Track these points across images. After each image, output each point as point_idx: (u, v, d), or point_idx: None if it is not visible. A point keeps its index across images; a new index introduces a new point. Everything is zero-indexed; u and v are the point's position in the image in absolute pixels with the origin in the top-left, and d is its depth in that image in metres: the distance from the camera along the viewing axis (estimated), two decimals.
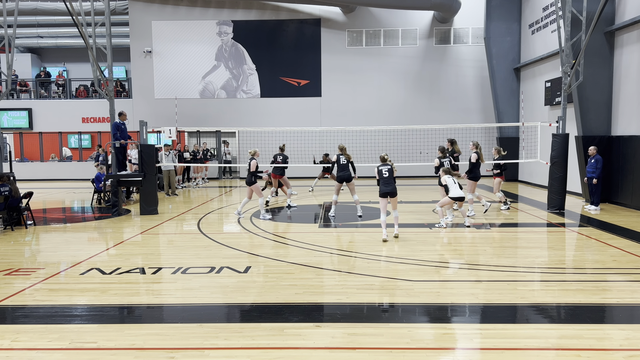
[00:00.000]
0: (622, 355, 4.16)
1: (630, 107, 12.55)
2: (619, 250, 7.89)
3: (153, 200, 12.15)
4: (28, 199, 10.71)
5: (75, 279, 6.60)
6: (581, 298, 5.60)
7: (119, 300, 5.71)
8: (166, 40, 22.30)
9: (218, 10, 22.15)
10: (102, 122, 22.95)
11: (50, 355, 4.28)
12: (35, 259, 7.85)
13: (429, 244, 8.57)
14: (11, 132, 23.26)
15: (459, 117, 21.23)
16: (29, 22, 23.75)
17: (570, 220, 10.88)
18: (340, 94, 21.98)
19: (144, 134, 12.34)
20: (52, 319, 5.17)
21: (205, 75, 22.46)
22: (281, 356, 4.22)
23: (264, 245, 8.65)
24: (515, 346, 4.37)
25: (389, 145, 18.16)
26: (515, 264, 7.08)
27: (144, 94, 22.57)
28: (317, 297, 5.76)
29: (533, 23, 18.30)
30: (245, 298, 5.74)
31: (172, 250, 8.39)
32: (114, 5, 22.33)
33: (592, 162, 11.74)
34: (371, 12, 21.77)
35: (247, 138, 21.68)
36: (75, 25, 12.08)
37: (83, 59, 24.62)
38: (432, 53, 21.85)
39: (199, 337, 4.59)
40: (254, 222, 10.87)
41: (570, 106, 14.12)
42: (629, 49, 12.57)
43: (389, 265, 7.11)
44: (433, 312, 5.28)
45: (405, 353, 4.24)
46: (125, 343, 4.49)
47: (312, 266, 7.10)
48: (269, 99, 22.33)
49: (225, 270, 6.88)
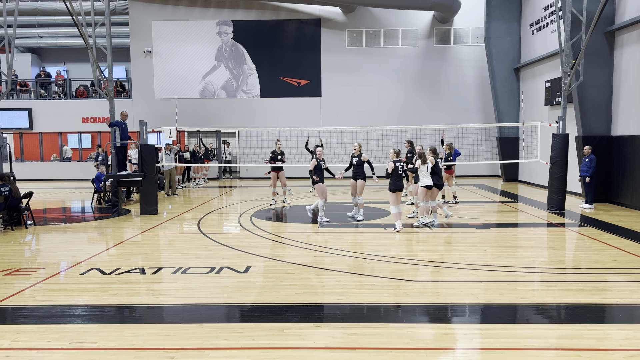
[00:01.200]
0: (622, 355, 4.16)
1: (630, 107, 12.55)
2: (619, 250, 7.89)
3: (153, 200, 12.15)
4: (28, 199, 10.71)
5: (75, 279, 6.60)
6: (581, 298, 5.60)
7: (119, 300, 5.71)
8: (166, 40, 22.30)
9: (218, 10, 22.15)
10: (102, 122, 22.94)
11: (50, 355, 4.28)
12: (35, 259, 7.85)
13: (429, 244, 8.58)
14: (11, 132, 23.26)
15: (459, 117, 21.23)
16: (29, 22, 23.75)
17: (570, 220, 10.88)
18: (340, 94, 21.98)
19: (144, 134, 12.35)
20: (52, 319, 5.17)
21: (205, 75, 22.46)
22: (281, 356, 4.22)
23: (264, 245, 8.65)
24: (515, 346, 4.37)
25: (389, 145, 18.10)
26: (515, 264, 7.08)
27: (144, 94, 22.57)
28: (317, 297, 5.76)
29: (533, 23, 18.30)
30: (245, 298, 5.74)
31: (172, 250, 8.39)
32: (114, 5, 22.33)
33: (586, 162, 11.93)
34: (371, 12, 21.77)
35: (247, 138, 21.66)
36: (75, 25, 12.09)
37: (83, 59, 24.62)
38: (432, 53, 21.85)
39: (199, 337, 4.59)
40: (254, 222, 10.87)
41: (570, 106, 14.12)
42: (629, 49, 12.57)
43: (389, 265, 7.11)
44: (433, 312, 5.28)
45: (405, 353, 4.24)
46: (125, 343, 4.49)
47: (312, 266, 7.10)
48: (269, 99, 22.33)
49: (225, 271, 6.88)
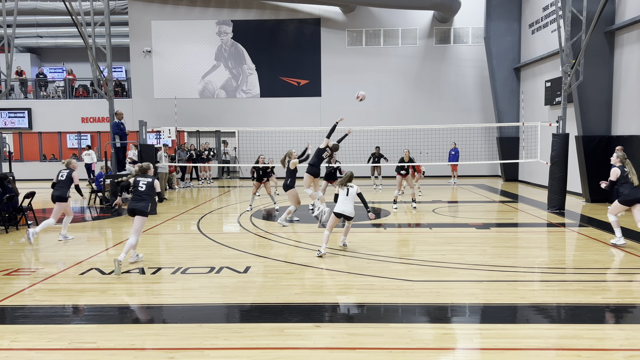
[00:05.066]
0: (622, 355, 4.15)
1: (630, 107, 12.55)
2: (619, 250, 7.89)
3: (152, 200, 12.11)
4: (30, 198, 10.70)
5: (75, 279, 6.59)
6: (581, 298, 5.59)
7: (118, 301, 5.70)
8: (166, 40, 22.29)
9: (218, 9, 22.14)
10: (101, 122, 22.94)
11: (50, 356, 4.27)
12: (35, 259, 7.84)
13: (429, 244, 8.57)
14: (10, 132, 23.24)
15: (459, 117, 21.23)
16: (28, 21, 23.75)
17: (570, 220, 10.88)
18: (340, 94, 21.96)
19: (143, 133, 12.33)
20: (52, 319, 5.16)
21: (204, 75, 22.46)
22: (281, 356, 4.22)
23: (264, 245, 8.64)
24: (515, 346, 4.36)
25: (389, 145, 18.16)
26: (515, 264, 7.08)
27: (144, 93, 22.55)
28: (317, 297, 5.75)
29: (533, 23, 18.29)
30: (245, 298, 5.73)
31: (172, 250, 8.38)
32: (113, 5, 22.33)
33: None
34: (371, 11, 21.76)
35: (247, 138, 21.65)
36: (75, 25, 12.08)
37: (83, 58, 24.60)
38: (432, 53, 21.85)
39: (199, 337, 4.58)
40: (253, 222, 10.86)
41: (570, 106, 14.12)
42: (629, 49, 12.56)
43: (389, 265, 7.11)
44: (433, 312, 5.27)
45: (405, 353, 4.23)
46: (124, 343, 4.48)
47: (312, 266, 7.09)
48: (268, 99, 22.33)
49: (225, 271, 6.87)
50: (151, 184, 7.28)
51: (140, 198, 7.19)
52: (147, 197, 7.23)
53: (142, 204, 7.17)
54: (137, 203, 7.15)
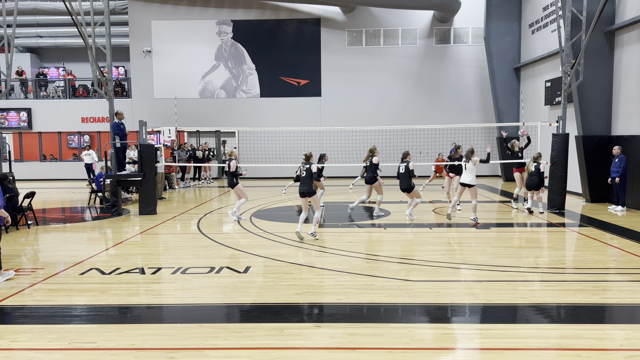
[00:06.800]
0: (622, 355, 4.15)
1: (630, 107, 12.55)
2: (619, 250, 7.89)
3: (152, 200, 12.14)
4: (30, 198, 10.71)
5: (75, 279, 6.59)
6: (581, 298, 5.59)
7: (118, 301, 5.70)
8: (166, 39, 22.29)
9: (218, 9, 22.13)
10: (101, 122, 22.93)
11: (50, 356, 4.27)
12: (35, 259, 7.84)
13: (429, 244, 8.57)
14: (10, 132, 23.24)
15: (459, 117, 21.22)
16: (28, 21, 23.72)
17: (571, 220, 10.88)
18: (340, 94, 21.97)
19: (143, 133, 12.33)
20: (52, 319, 5.16)
21: (204, 75, 22.45)
22: (281, 356, 4.22)
23: (264, 245, 8.64)
24: (515, 346, 4.36)
25: (389, 145, 18.14)
26: (515, 264, 7.08)
27: (144, 93, 22.55)
28: (317, 297, 5.75)
29: (533, 23, 18.29)
30: (245, 298, 5.74)
31: (172, 250, 8.38)
32: (113, 4, 22.32)
33: (616, 162, 11.65)
34: (371, 11, 21.76)
35: (247, 138, 21.65)
36: (75, 25, 12.07)
37: (83, 58, 24.60)
38: (432, 53, 21.84)
39: (199, 337, 4.58)
40: (253, 222, 10.86)
41: (570, 106, 14.12)
42: (629, 49, 12.56)
43: (389, 265, 7.11)
44: (433, 312, 5.27)
45: (405, 353, 4.23)
46: (124, 343, 4.49)
47: (312, 266, 7.09)
48: (268, 99, 22.32)
49: (225, 271, 6.88)
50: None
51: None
52: None
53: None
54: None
